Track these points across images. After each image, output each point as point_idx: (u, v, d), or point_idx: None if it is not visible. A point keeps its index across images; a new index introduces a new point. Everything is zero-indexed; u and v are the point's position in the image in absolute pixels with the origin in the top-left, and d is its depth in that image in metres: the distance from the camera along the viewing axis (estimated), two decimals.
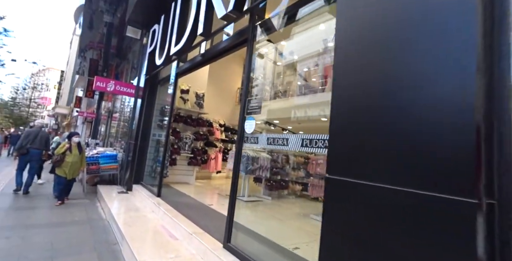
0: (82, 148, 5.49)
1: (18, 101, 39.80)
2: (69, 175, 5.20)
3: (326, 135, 1.90)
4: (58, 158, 5.06)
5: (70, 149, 5.18)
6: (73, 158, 5.18)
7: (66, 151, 5.14)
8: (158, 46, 4.94)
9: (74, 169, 5.26)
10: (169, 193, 5.28)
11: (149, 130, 6.21)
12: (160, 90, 6.31)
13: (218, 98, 8.67)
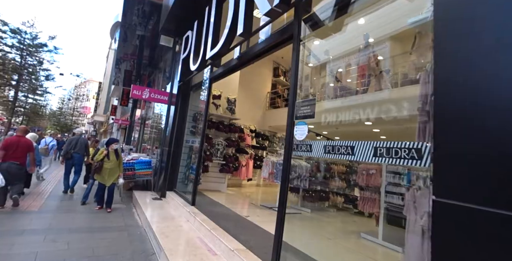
0: (119, 154, 5.43)
1: (64, 110, 43.30)
2: (108, 182, 5.14)
3: (411, 142, 1.52)
4: (97, 165, 5.05)
5: (108, 156, 5.13)
6: (111, 164, 5.14)
7: (104, 158, 5.09)
8: (192, 52, 4.86)
9: (112, 175, 5.20)
10: (203, 202, 5.09)
11: (182, 136, 6.13)
12: (193, 96, 6.24)
13: (248, 103, 8.48)
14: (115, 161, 5.21)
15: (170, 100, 6.55)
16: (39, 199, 5.70)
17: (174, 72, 6.61)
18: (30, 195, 6.00)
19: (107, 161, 5.10)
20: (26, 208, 4.88)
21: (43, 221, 4.27)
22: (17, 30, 19.61)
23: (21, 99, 22.20)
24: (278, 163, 5.48)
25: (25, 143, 5.00)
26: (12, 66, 20.33)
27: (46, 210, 4.86)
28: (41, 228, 3.96)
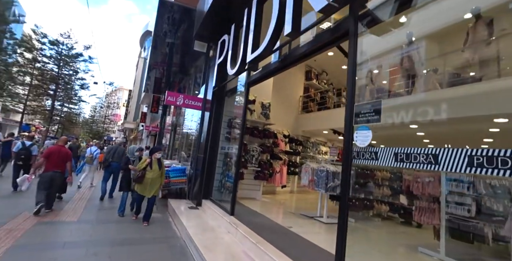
0: (162, 164, 5.08)
1: (96, 118, 45.75)
2: (149, 193, 4.81)
3: None
4: (139, 174, 4.74)
5: (150, 165, 4.80)
6: (153, 174, 4.80)
7: (146, 167, 4.78)
8: (230, 56, 4.73)
9: (153, 186, 4.85)
10: (241, 211, 4.88)
11: (217, 143, 6.01)
12: (227, 101, 6.12)
13: (280, 107, 8.24)
14: (157, 170, 4.88)
15: (204, 106, 6.48)
16: (78, 208, 5.80)
17: (207, 77, 6.55)
18: (70, 203, 6.17)
19: (149, 170, 4.78)
20: (66, 217, 4.93)
21: (83, 232, 4.25)
22: (55, 42, 20.93)
23: (57, 108, 23.57)
24: (319, 170, 5.15)
25: (65, 152, 5.29)
26: (50, 76, 21.69)
27: (85, 220, 4.88)
28: (81, 240, 3.93)
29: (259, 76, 4.61)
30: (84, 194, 7.63)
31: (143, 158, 4.99)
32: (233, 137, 5.89)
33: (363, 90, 3.56)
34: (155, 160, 4.89)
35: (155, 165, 4.86)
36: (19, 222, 4.38)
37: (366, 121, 2.46)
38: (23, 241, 3.64)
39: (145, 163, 4.78)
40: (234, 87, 5.99)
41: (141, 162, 4.95)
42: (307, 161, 9.25)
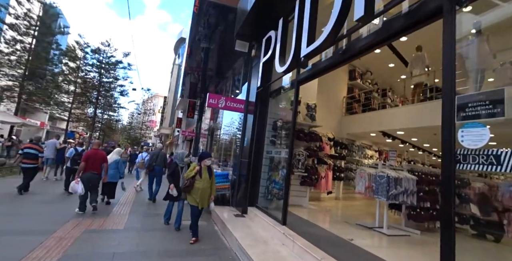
0: (212, 171, 4.50)
1: (133, 125, 48.23)
2: (200, 204, 4.24)
3: None
4: (188, 183, 4.22)
5: (200, 173, 4.28)
6: (203, 183, 4.25)
7: (196, 175, 4.25)
8: (278, 52, 4.41)
9: (204, 196, 4.29)
10: (292, 220, 4.45)
11: (262, 147, 5.68)
12: (272, 103, 5.79)
13: (324, 108, 7.73)
14: (207, 179, 4.32)
15: (247, 108, 6.22)
16: (124, 213, 5.77)
17: (249, 78, 6.30)
18: (116, 207, 6.23)
19: (198, 179, 4.25)
20: (112, 225, 4.87)
21: (130, 241, 4.12)
22: (97, 50, 22.29)
23: (98, 115, 24.96)
24: (377, 176, 4.58)
25: (100, 155, 5.76)
26: (92, 84, 23.09)
27: (131, 228, 4.77)
28: (129, 250, 3.78)
29: (310, 73, 4.23)
30: (128, 198, 7.75)
31: (191, 165, 4.52)
32: (280, 141, 5.54)
33: None
34: (204, 168, 4.34)
35: (205, 174, 4.32)
36: (68, 230, 4.36)
37: (477, 115, 1.95)
38: (73, 251, 3.53)
39: (194, 171, 4.26)
40: (278, 87, 5.66)
41: (189, 169, 4.44)
42: (358, 166, 8.61)
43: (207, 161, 4.38)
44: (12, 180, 8.62)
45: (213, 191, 4.46)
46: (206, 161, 4.36)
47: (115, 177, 6.46)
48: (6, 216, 4.77)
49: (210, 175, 4.38)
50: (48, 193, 7.06)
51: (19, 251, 3.35)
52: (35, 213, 5.13)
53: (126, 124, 48.36)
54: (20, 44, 17.73)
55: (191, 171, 4.28)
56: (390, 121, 6.57)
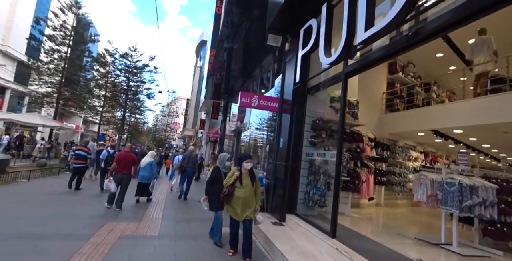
0: (255, 177, 3.80)
1: (158, 127, 49.53)
2: (241, 216, 3.62)
3: None
4: (226, 192, 3.65)
5: (240, 180, 3.64)
6: (244, 191, 3.63)
7: (235, 182, 3.65)
8: (323, 42, 3.90)
9: (246, 207, 3.62)
10: (341, 232, 3.92)
11: (300, 148, 5.19)
12: (310, 100, 5.29)
13: (362, 106, 7.08)
14: (250, 187, 3.67)
15: (281, 107, 5.77)
16: (156, 217, 5.57)
17: (283, 74, 5.84)
18: (149, 209, 6.05)
19: (239, 187, 3.64)
20: (146, 231, 4.64)
21: (166, 250, 3.82)
22: (125, 55, 22.93)
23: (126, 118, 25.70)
24: (445, 183, 3.92)
25: (130, 157, 6.20)
26: (121, 88, 23.81)
27: (166, 235, 4.51)
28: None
29: (361, 65, 3.70)
30: (160, 199, 7.78)
31: (232, 170, 3.90)
32: (320, 141, 5.02)
33: None
34: (245, 173, 3.71)
35: (247, 179, 3.68)
36: (104, 235, 4.19)
37: None
38: (110, 259, 3.34)
39: (233, 178, 3.67)
40: (317, 83, 5.15)
41: (228, 175, 3.83)
42: (402, 169, 7.85)
43: (247, 164, 3.71)
44: (52, 180, 9.09)
45: (258, 201, 3.77)
46: (245, 164, 3.69)
47: (149, 178, 6.78)
48: (44, 219, 4.74)
49: (252, 181, 3.71)
50: (85, 194, 7.26)
51: (59, 258, 3.23)
52: (72, 215, 5.14)
53: (151, 126, 49.75)
54: (57, 53, 18.82)
55: (230, 177, 3.72)
56: (447, 118, 5.79)
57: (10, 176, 8.13)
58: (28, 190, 7.18)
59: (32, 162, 13.08)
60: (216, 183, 4.11)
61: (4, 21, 21.67)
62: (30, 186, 7.67)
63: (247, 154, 4.22)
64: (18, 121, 16.08)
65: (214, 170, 4.27)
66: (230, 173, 3.85)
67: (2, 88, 22.81)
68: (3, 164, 9.39)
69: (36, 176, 9.24)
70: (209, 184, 4.23)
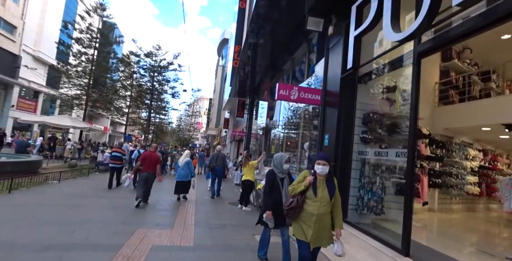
0: (335, 186, 2.76)
1: (181, 127, 50.26)
2: (314, 241, 2.61)
3: None
4: (293, 204, 2.64)
5: (314, 188, 2.63)
6: (319, 206, 2.59)
7: (306, 192, 2.66)
8: (389, 14, 3.18)
9: (322, 229, 2.63)
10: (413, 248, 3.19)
11: (350, 146, 4.49)
12: (362, 90, 4.57)
13: None
14: (327, 200, 2.63)
15: (324, 99, 5.09)
16: (189, 223, 5.13)
17: (326, 63, 5.15)
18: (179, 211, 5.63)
19: (312, 198, 2.63)
20: (180, 240, 4.18)
21: None
22: (149, 54, 23.09)
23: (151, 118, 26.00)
24: None
25: (155, 157, 6.49)
26: (146, 88, 24.08)
27: (202, 246, 4.04)
28: None
29: (440, 42, 2.96)
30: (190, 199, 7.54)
31: (301, 173, 2.87)
32: (376, 138, 4.30)
33: None
34: (322, 180, 2.68)
35: (323, 189, 2.65)
36: (135, 245, 3.78)
37: None
38: None
39: (304, 184, 2.64)
40: (369, 71, 4.43)
41: (296, 180, 2.79)
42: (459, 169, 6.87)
43: (322, 168, 2.61)
44: (82, 181, 9.13)
45: (339, 222, 2.71)
46: (319, 168, 2.62)
47: (187, 177, 7.08)
48: (72, 225, 4.44)
49: (331, 193, 2.65)
50: (114, 196, 7.13)
51: None
52: (101, 220, 4.85)
53: (175, 126, 50.63)
54: (84, 56, 19.27)
55: (299, 184, 2.69)
56: None
57: (41, 177, 8.13)
58: (58, 191, 7.10)
59: (64, 163, 13.36)
60: (272, 191, 3.35)
61: (36, 27, 22.72)
62: (61, 188, 7.63)
63: (323, 154, 2.98)
64: (50, 123, 16.65)
65: (269, 176, 3.43)
66: (300, 176, 2.80)
67: (36, 92, 23.96)
68: (36, 165, 9.51)
69: (67, 177, 9.27)
70: (269, 194, 3.34)
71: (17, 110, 21.40)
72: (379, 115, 4.35)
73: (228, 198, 8.31)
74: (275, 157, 3.50)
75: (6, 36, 19.90)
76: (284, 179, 3.40)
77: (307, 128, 6.89)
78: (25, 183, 7.27)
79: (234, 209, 6.80)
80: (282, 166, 3.40)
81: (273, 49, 9.24)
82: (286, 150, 8.42)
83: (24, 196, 6.25)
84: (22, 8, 21.52)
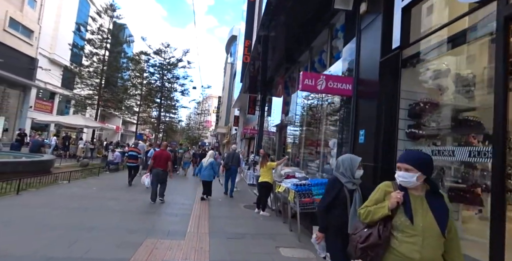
0: (447, 207, 1.57)
1: (191, 125, 50.12)
2: None
3: None
4: (372, 239, 1.56)
5: (408, 211, 1.53)
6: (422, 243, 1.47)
7: (394, 217, 1.56)
8: None
9: None
10: None
11: (393, 144, 3.75)
12: (407, 76, 3.81)
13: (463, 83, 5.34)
14: (435, 232, 1.48)
15: (356, 89, 4.37)
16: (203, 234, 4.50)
17: (358, 46, 4.41)
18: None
19: (406, 227, 1.52)
20: (195, 254, 3.59)
21: None
22: (158, 51, 22.71)
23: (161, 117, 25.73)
24: None
25: (166, 155, 6.76)
26: (156, 85, 23.80)
27: None
28: None
29: None
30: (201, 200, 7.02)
31: (379, 186, 1.79)
32: (429, 133, 3.56)
33: None
34: (418, 197, 1.58)
35: (423, 214, 1.52)
36: (143, 259, 3.19)
37: None
38: None
39: (389, 205, 1.57)
40: (416, 52, 3.68)
41: (372, 197, 1.75)
42: None
43: (402, 175, 1.59)
44: (92, 181, 8.90)
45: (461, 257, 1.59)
46: (399, 175, 1.61)
47: (210, 177, 7.29)
48: (73, 233, 3.94)
49: (441, 220, 1.50)
50: (123, 198, 6.74)
51: None
52: (106, 227, 4.36)
53: (184, 125, 50.56)
54: (96, 56, 19.26)
55: (378, 204, 1.67)
56: None
57: (51, 177, 7.86)
58: (66, 192, 6.76)
59: (77, 162, 13.23)
60: (336, 208, 2.41)
61: (51, 31, 23.07)
62: (70, 188, 7.33)
63: (409, 154, 1.73)
64: (64, 123, 16.69)
65: (332, 185, 2.51)
66: (378, 192, 1.76)
67: (52, 93, 24.29)
68: (48, 164, 9.28)
69: (77, 177, 9.04)
70: (325, 212, 2.43)
71: (34, 110, 21.88)
72: (432, 105, 3.59)
73: (243, 200, 7.71)
74: (342, 160, 2.56)
75: (24, 40, 20.39)
76: (355, 192, 2.44)
77: (332, 123, 6.17)
78: (34, 184, 7.00)
79: (251, 213, 6.18)
80: (353, 173, 2.47)
81: (288, 40, 8.49)
82: (305, 148, 7.71)
83: (32, 197, 5.99)
84: (39, 13, 21.91)
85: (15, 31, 19.51)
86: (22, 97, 21.13)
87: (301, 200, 4.39)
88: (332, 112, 6.01)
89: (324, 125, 6.32)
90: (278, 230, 4.97)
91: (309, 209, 4.44)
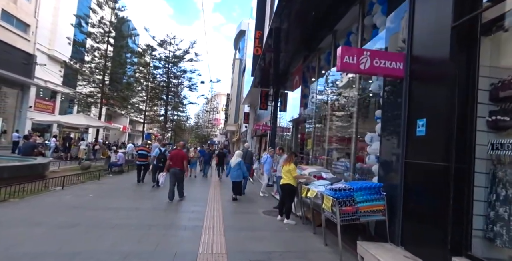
0: None
1: (199, 124, 49.54)
2: None
3: None
4: None
5: None
6: None
7: None
8: None
9: None
10: None
11: (470, 136, 2.83)
12: (487, 47, 2.88)
13: None
14: None
15: (409, 69, 3.46)
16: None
17: (412, 16, 3.50)
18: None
19: None
20: None
21: None
22: (163, 42, 21.75)
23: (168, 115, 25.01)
24: None
25: (181, 154, 6.88)
26: (161, 80, 22.97)
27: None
28: None
29: None
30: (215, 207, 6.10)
31: None
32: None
33: None
34: None
35: None
36: None
37: None
38: None
39: None
40: (501, 14, 2.74)
41: None
42: None
43: None
44: (89, 187, 7.84)
45: None
46: None
47: (239, 177, 7.21)
48: None
49: None
50: (121, 207, 5.74)
51: None
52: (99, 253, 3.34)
53: (193, 124, 50.08)
54: (97, 51, 18.36)
55: None
56: None
57: (39, 184, 6.74)
58: (55, 202, 5.79)
59: (78, 164, 12.46)
60: None
61: (49, 25, 22.00)
62: (61, 197, 6.32)
63: None
64: (65, 123, 15.97)
65: None
66: None
67: (53, 92, 23.60)
68: (41, 169, 8.15)
69: (75, 182, 8.09)
70: None
71: (35, 111, 20.98)
72: None
73: (261, 205, 6.86)
74: None
75: (20, 35, 19.23)
76: None
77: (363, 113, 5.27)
78: (19, 192, 5.93)
79: (273, 222, 5.33)
80: None
81: (305, 26, 7.56)
82: (329, 145, 6.80)
83: (9, 211, 4.91)
84: (35, 5, 20.75)
85: (9, 25, 18.19)
86: (21, 97, 20.17)
87: (341, 209, 3.52)
88: (367, 99, 5.11)
89: (355, 118, 5.40)
90: (311, 244, 4.09)
91: (351, 220, 3.58)
